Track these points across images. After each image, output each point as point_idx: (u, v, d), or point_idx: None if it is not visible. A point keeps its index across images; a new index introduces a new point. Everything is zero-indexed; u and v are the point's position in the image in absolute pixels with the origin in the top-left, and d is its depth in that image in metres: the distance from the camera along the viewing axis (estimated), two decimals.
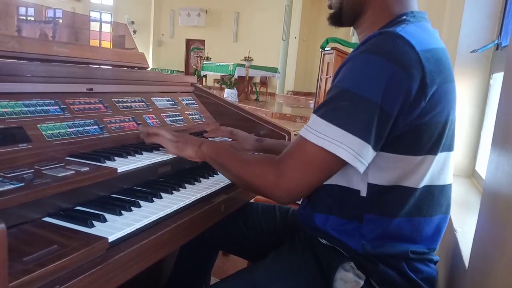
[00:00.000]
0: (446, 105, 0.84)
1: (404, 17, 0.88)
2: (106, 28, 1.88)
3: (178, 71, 18.23)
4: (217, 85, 14.13)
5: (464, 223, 1.25)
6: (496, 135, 0.85)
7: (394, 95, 0.77)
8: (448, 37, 1.92)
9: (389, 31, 0.81)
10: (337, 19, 1.01)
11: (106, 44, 1.81)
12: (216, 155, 1.04)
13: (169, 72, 17.15)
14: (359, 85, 0.79)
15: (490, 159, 0.85)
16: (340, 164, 0.81)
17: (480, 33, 1.67)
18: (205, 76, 14.28)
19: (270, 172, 0.86)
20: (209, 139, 1.45)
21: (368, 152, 0.79)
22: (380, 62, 0.78)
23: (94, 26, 1.77)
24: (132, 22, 18.63)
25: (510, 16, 1.57)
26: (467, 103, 1.73)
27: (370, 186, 0.86)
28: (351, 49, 7.53)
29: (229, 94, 11.38)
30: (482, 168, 1.70)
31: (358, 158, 0.79)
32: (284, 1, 14.69)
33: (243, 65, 12.00)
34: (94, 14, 19.46)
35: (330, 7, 1.03)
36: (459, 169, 1.82)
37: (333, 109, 0.81)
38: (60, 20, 1.57)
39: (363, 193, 0.87)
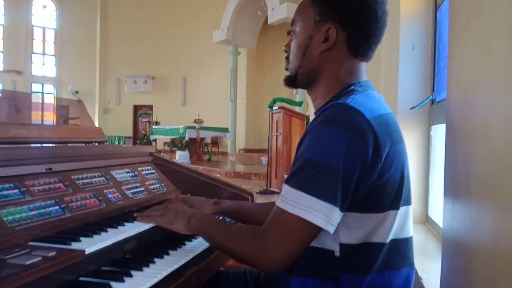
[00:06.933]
0: (399, 163, 0.92)
1: (352, 87, 0.98)
2: (50, 100, 1.86)
3: (126, 137, 17.98)
4: (167, 148, 14.05)
5: (427, 269, 1.30)
6: (447, 186, 0.93)
7: (353, 160, 0.84)
8: (386, 98, 2.09)
9: (341, 103, 0.90)
10: (292, 82, 1.10)
11: (49, 115, 1.78)
12: (205, 228, 1.06)
13: (116, 139, 16.87)
14: (321, 155, 0.86)
15: (444, 209, 0.93)
16: (317, 230, 0.85)
17: (416, 91, 1.85)
18: (154, 140, 14.19)
19: (255, 246, 0.89)
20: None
21: (337, 215, 0.85)
22: (337, 132, 0.85)
23: (47, 100, 1.75)
24: (76, 92, 18.41)
25: (441, 74, 1.75)
26: (413, 155, 1.87)
27: (342, 245, 0.90)
28: (297, 107, 7.84)
29: (181, 157, 11.31)
30: (434, 213, 1.81)
31: (330, 222, 0.84)
32: (229, 65, 15.28)
33: (193, 127, 12.10)
34: (36, 87, 19.10)
35: (286, 69, 1.12)
36: (413, 217, 1.91)
37: (303, 178, 0.86)
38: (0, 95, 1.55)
39: (337, 253, 0.90)
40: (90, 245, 0.96)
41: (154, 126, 14.26)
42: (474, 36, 0.82)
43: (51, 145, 1.41)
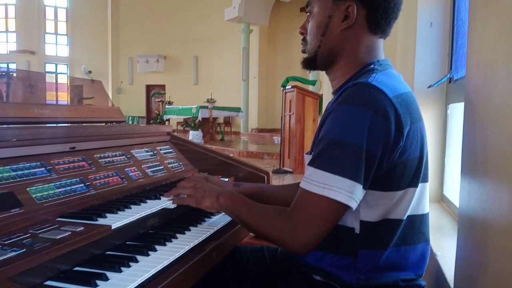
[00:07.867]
0: (418, 141, 0.93)
1: (372, 66, 0.98)
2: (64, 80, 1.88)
3: (139, 117, 18.10)
4: (180, 128, 14.14)
5: (442, 246, 1.32)
6: (465, 164, 0.94)
7: (376, 138, 0.86)
8: (403, 76, 2.08)
9: (363, 82, 0.91)
10: (311, 64, 1.10)
11: (64, 95, 1.81)
12: (233, 206, 1.07)
13: (130, 118, 16.99)
14: (345, 134, 0.87)
15: (461, 187, 0.94)
16: (343, 207, 0.87)
17: (433, 69, 1.83)
18: (167, 120, 14.28)
19: (284, 227, 0.91)
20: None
21: (359, 191, 0.86)
22: (359, 110, 0.86)
23: (61, 80, 1.78)
24: (90, 72, 18.52)
25: (458, 52, 1.73)
26: (429, 133, 1.86)
27: (362, 223, 0.93)
28: (310, 86, 7.72)
29: (194, 136, 11.38)
30: (450, 192, 1.81)
31: (353, 198, 0.85)
32: (241, 43, 15.15)
33: (206, 107, 12.12)
34: (49, 67, 19.23)
35: (304, 51, 1.12)
36: (429, 195, 1.92)
37: (327, 159, 0.88)
38: (15, 75, 1.59)
39: (357, 230, 0.93)
40: (116, 221, 1.00)
41: (167, 106, 14.32)
42: (493, 19, 0.82)
43: (70, 124, 1.45)
